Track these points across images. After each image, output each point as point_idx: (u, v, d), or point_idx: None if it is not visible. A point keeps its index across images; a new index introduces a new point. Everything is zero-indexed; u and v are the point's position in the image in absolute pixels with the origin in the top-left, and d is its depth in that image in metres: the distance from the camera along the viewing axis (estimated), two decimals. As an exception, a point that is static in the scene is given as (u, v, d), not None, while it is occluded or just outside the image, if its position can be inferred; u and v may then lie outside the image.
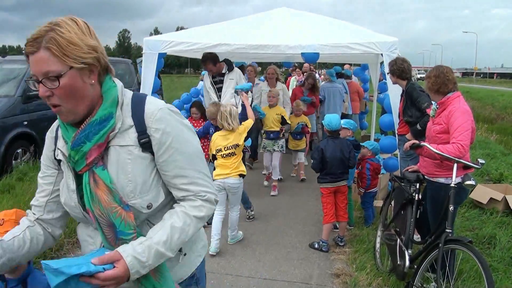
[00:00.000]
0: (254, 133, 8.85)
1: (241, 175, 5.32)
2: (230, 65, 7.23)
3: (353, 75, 12.43)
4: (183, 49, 6.97)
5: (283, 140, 7.71)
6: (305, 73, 13.17)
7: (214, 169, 5.33)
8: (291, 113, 8.44)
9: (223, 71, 7.16)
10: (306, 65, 13.29)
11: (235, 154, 5.26)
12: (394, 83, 5.76)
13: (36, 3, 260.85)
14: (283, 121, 7.54)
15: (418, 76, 61.51)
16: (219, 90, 7.09)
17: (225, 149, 5.22)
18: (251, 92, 9.20)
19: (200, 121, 6.74)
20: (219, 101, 6.67)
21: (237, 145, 5.26)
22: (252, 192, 7.15)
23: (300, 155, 8.42)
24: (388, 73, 5.74)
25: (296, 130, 8.08)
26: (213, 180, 4.95)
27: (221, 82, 7.14)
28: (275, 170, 7.63)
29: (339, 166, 5.33)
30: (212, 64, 7.02)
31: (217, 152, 5.26)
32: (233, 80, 6.98)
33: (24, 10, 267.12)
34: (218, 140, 5.27)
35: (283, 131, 7.68)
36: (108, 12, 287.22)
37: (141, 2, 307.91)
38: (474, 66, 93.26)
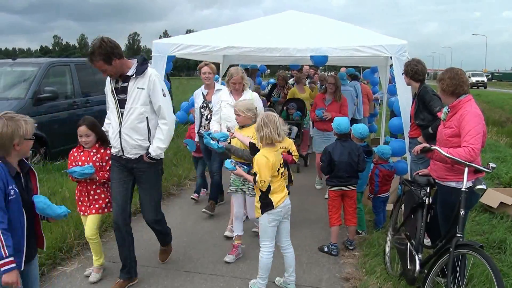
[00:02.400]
0: (216, 163, 6.60)
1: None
2: (142, 64, 4.33)
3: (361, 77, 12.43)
4: (192, 52, 6.99)
5: None
6: (308, 77, 13.12)
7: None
8: None
9: (129, 73, 4.27)
10: (306, 67, 13.20)
11: (285, 174, 4.68)
12: (407, 84, 5.72)
13: (47, 6, 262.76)
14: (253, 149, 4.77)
15: (474, 79, 58.35)
16: (121, 104, 4.29)
17: (281, 166, 4.36)
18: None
19: (93, 151, 4.60)
20: (121, 124, 4.30)
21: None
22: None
23: None
24: (402, 73, 5.70)
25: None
26: (275, 207, 4.19)
27: (124, 91, 4.29)
28: (238, 221, 5.35)
29: (347, 170, 5.31)
30: (104, 61, 4.12)
31: (277, 173, 4.25)
32: (144, 90, 4.23)
33: (35, 13, 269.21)
34: (274, 158, 4.21)
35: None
36: (118, 15, 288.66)
37: (152, 5, 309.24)
38: (484, 69, 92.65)
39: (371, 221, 6.26)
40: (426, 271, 3.95)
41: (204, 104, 6.61)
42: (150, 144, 4.33)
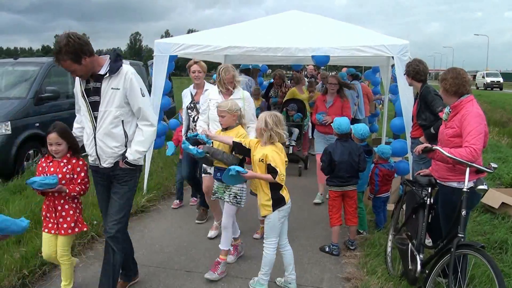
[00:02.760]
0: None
1: None
2: (115, 61, 3.82)
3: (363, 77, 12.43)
4: (193, 52, 6.99)
5: (240, 185, 4.75)
6: (312, 77, 13.05)
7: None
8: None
9: (102, 72, 3.78)
10: (310, 67, 13.17)
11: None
12: (409, 84, 5.72)
13: (49, 5, 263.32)
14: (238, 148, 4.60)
15: (488, 80, 53.14)
16: (93, 107, 3.83)
17: (287, 163, 4.47)
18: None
19: (64, 161, 4.06)
20: (95, 130, 3.87)
21: None
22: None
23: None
24: (404, 74, 5.70)
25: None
26: (286, 204, 4.31)
27: (97, 92, 3.81)
28: (225, 232, 4.86)
29: (348, 170, 5.31)
30: (72, 60, 3.62)
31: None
32: (119, 91, 3.76)
33: (36, 13, 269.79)
34: (283, 155, 4.30)
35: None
36: (120, 15, 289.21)
37: (154, 5, 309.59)
38: (486, 68, 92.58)
39: (372, 221, 6.26)
40: (427, 271, 3.94)
41: (192, 105, 6.24)
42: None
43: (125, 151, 3.88)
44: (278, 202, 4.25)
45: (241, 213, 5.19)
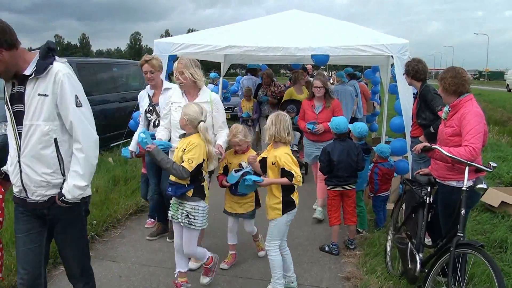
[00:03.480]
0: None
1: None
2: (45, 58, 2.92)
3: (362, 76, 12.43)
4: (193, 51, 6.98)
5: (194, 203, 4.12)
6: (312, 76, 12.97)
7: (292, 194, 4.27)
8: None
9: (27, 72, 2.87)
10: (309, 66, 13.11)
11: None
12: (409, 84, 5.72)
13: (50, 5, 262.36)
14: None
15: None
16: (17, 120, 2.92)
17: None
18: None
19: None
20: (19, 150, 2.93)
21: None
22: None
23: (247, 224, 5.08)
24: (403, 74, 5.70)
25: (230, 181, 4.63)
26: (295, 208, 4.29)
27: (21, 99, 2.88)
28: (180, 257, 4.39)
29: (346, 170, 5.31)
30: None
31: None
32: (47, 98, 2.85)
33: (37, 13, 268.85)
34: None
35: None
36: (121, 15, 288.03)
37: (155, 5, 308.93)
38: (486, 68, 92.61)
39: (371, 220, 6.26)
40: (427, 271, 3.95)
41: (151, 108, 5.47)
42: (64, 180, 2.96)
43: (62, 184, 2.95)
44: (288, 205, 4.20)
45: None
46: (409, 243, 4.29)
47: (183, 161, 3.95)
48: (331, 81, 14.77)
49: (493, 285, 3.37)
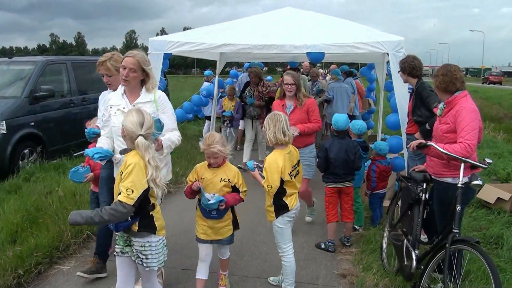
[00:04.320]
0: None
1: None
2: None
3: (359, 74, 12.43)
4: (188, 49, 6.98)
5: (143, 240, 3.29)
6: (307, 74, 12.93)
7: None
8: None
9: None
10: (305, 63, 13.07)
11: (300, 171, 4.36)
12: (405, 81, 5.71)
13: (46, 4, 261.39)
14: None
15: None
16: None
17: (294, 167, 4.21)
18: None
19: None
20: None
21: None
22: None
23: (223, 250, 4.39)
24: (398, 71, 5.68)
25: (204, 203, 3.90)
26: (290, 210, 4.16)
27: None
28: None
29: (343, 167, 5.31)
30: None
31: (290, 177, 4.10)
32: None
33: (33, 12, 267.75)
34: (286, 162, 4.06)
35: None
36: (117, 13, 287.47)
37: (152, 3, 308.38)
38: (482, 65, 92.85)
39: (367, 217, 6.26)
40: (422, 267, 3.95)
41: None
42: None
43: None
44: (280, 208, 4.11)
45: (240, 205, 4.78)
46: (405, 240, 4.29)
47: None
48: (327, 78, 14.74)
49: (489, 281, 3.38)
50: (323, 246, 5.40)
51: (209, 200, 3.85)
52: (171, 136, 4.04)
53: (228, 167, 4.10)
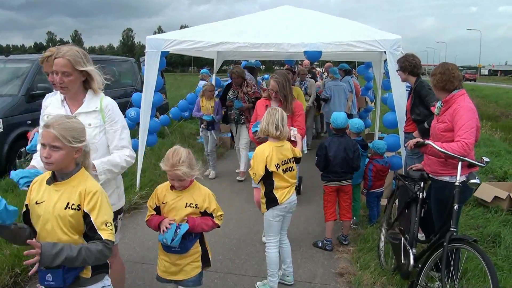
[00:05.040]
0: None
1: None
2: None
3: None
4: (185, 48, 6.95)
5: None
6: (309, 72, 12.89)
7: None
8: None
9: None
10: (306, 62, 13.03)
11: (294, 169, 4.35)
12: (404, 80, 5.66)
13: (44, 2, 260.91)
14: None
15: None
16: None
17: (284, 163, 4.20)
18: None
19: None
20: None
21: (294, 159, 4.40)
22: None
23: None
24: (398, 70, 5.63)
25: (159, 238, 3.31)
26: (280, 203, 4.16)
27: None
28: None
29: (342, 166, 5.30)
30: None
31: (276, 169, 4.11)
32: None
33: (31, 10, 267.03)
34: (274, 154, 4.11)
35: None
36: (115, 11, 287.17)
37: (149, 1, 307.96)
38: (478, 64, 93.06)
39: (365, 216, 6.26)
40: (420, 266, 3.95)
41: None
42: None
43: None
44: (270, 201, 4.16)
45: (238, 206, 4.66)
46: (402, 239, 4.30)
47: (92, 231, 2.43)
48: (324, 76, 14.73)
49: (487, 279, 3.39)
50: (320, 244, 5.40)
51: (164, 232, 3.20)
52: (115, 157, 3.21)
53: (197, 188, 3.37)
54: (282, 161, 4.16)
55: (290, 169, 4.24)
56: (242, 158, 8.55)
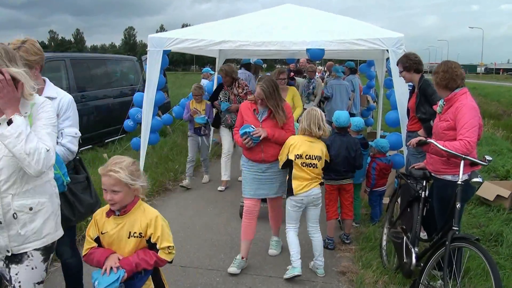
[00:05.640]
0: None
1: (321, 183, 4.78)
2: None
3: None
4: (187, 46, 6.96)
5: None
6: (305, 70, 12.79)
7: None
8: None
9: None
10: (302, 60, 12.92)
11: (317, 167, 4.59)
12: (408, 80, 5.58)
13: (45, 0, 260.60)
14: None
15: None
16: None
17: (308, 157, 4.49)
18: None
19: None
20: None
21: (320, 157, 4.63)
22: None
23: None
24: (401, 72, 5.55)
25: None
26: (294, 194, 4.50)
27: None
28: None
29: (344, 164, 5.29)
30: None
31: (297, 158, 4.45)
32: None
33: (32, 8, 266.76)
34: (303, 146, 4.47)
35: None
36: (116, 9, 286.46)
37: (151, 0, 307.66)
38: (480, 62, 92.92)
39: (367, 214, 6.26)
40: (422, 264, 3.95)
41: None
42: None
43: None
44: (288, 190, 4.61)
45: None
46: (405, 237, 4.30)
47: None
48: (326, 75, 14.72)
49: (489, 278, 3.38)
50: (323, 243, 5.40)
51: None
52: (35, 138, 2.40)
53: (141, 211, 2.78)
54: (306, 155, 4.50)
55: (313, 165, 4.53)
56: (227, 165, 7.87)
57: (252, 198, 4.80)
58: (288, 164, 4.57)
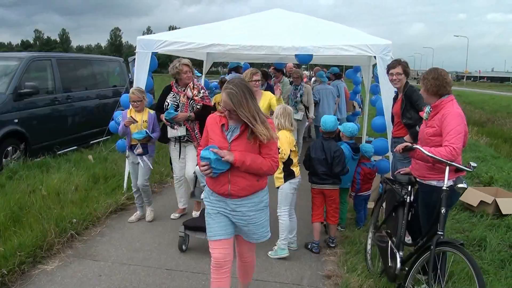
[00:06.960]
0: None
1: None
2: None
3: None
4: (176, 49, 6.94)
5: None
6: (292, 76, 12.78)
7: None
8: None
9: None
10: (289, 65, 12.88)
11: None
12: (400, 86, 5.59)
13: (35, 0, 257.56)
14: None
15: None
16: None
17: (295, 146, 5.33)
18: None
19: None
20: None
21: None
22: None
23: None
24: (401, 74, 5.52)
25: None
26: (295, 177, 5.22)
27: None
28: None
29: (321, 168, 5.35)
30: None
31: (295, 148, 5.31)
32: None
33: (21, 7, 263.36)
34: (291, 137, 5.25)
35: None
36: (104, 10, 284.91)
37: (138, 0, 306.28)
38: (465, 70, 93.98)
39: (352, 219, 6.30)
40: (407, 269, 3.98)
41: None
42: None
43: None
44: (288, 175, 5.12)
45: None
46: (390, 242, 4.32)
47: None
48: (313, 80, 14.77)
49: (473, 282, 3.42)
50: (309, 246, 5.42)
51: None
52: None
53: None
54: (294, 145, 5.27)
55: (295, 153, 5.25)
56: (183, 191, 6.48)
57: (221, 240, 3.51)
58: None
